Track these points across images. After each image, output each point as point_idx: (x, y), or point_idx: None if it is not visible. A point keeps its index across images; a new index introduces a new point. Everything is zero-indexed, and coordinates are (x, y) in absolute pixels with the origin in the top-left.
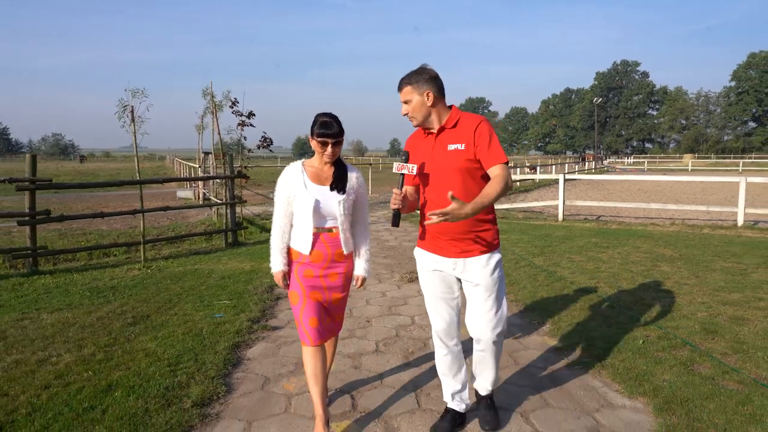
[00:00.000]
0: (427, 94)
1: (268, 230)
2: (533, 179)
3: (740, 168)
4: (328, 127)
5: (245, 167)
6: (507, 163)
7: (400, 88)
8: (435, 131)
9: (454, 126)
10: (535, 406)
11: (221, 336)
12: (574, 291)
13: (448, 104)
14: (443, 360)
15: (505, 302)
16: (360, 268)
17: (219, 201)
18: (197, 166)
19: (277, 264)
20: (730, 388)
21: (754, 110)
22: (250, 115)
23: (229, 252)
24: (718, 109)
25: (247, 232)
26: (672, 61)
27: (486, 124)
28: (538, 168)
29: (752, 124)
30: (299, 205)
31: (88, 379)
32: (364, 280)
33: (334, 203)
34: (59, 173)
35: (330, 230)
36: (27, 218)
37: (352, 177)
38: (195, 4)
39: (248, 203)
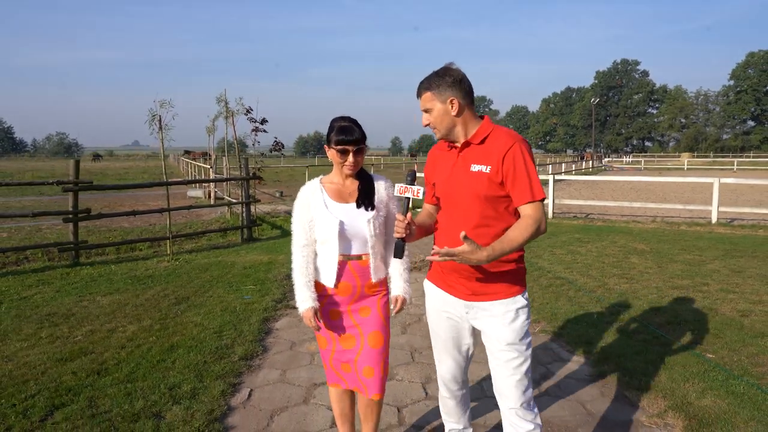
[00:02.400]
0: (451, 101)
1: (279, 227)
2: None
3: (735, 167)
4: (349, 132)
5: (259, 169)
6: (543, 199)
7: (419, 95)
8: (458, 145)
9: (482, 142)
10: None
11: (252, 312)
12: (548, 278)
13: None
14: (445, 403)
15: (528, 367)
16: (398, 287)
17: (233, 200)
18: (209, 166)
19: (304, 300)
20: (656, 348)
21: (752, 109)
22: (263, 121)
23: (246, 246)
24: (717, 108)
25: (260, 229)
26: (671, 60)
27: (520, 146)
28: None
29: (751, 123)
30: (321, 229)
31: (154, 342)
32: (404, 302)
33: (362, 223)
34: (69, 173)
35: (359, 257)
36: (71, 216)
37: (380, 188)
38: (191, 2)
39: (259, 202)
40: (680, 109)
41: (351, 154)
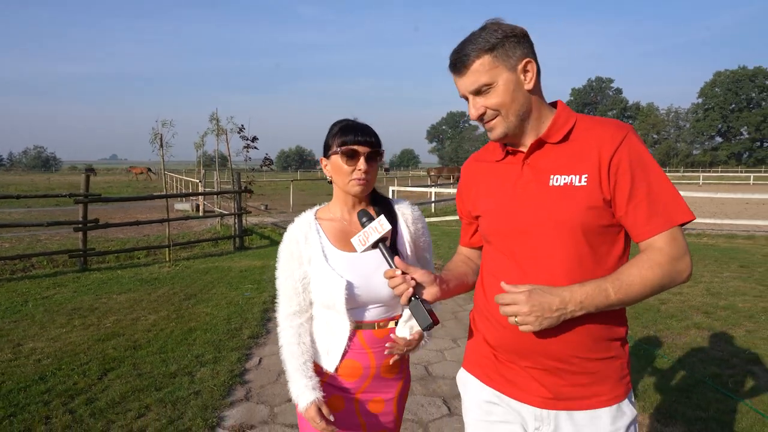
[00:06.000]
0: (526, 65)
1: (267, 237)
2: None
3: (701, 182)
4: (359, 131)
5: (250, 183)
6: (684, 224)
7: (466, 64)
8: (525, 148)
9: (565, 139)
10: (459, 344)
11: (253, 305)
12: None
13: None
14: None
15: None
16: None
17: (225, 212)
18: (198, 180)
19: (302, 392)
20: None
21: (719, 126)
22: (254, 139)
23: (239, 254)
24: (687, 125)
25: (250, 239)
26: (644, 78)
27: (636, 139)
28: None
29: (718, 139)
30: (319, 291)
31: (174, 327)
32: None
33: (381, 280)
34: (53, 186)
35: (374, 326)
36: (81, 225)
37: (405, 218)
38: (172, 16)
39: (250, 213)
40: (652, 126)
41: (362, 159)
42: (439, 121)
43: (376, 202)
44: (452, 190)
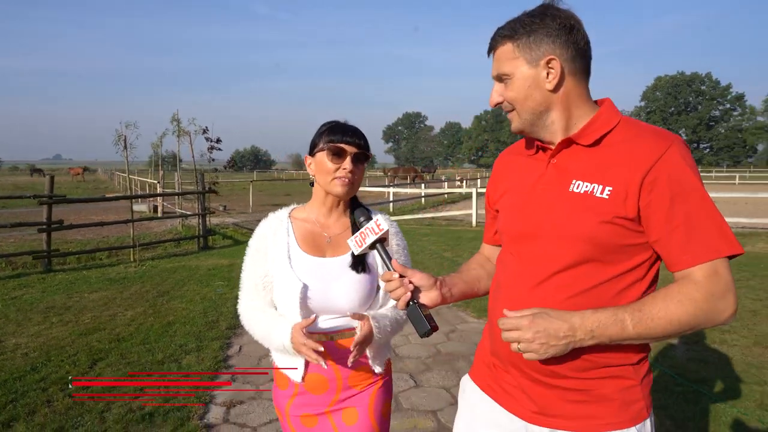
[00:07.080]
0: (548, 62)
1: (230, 237)
2: (460, 192)
3: None
4: (348, 132)
5: (214, 183)
6: (734, 256)
7: (492, 47)
8: (552, 145)
9: (597, 143)
10: None
11: (227, 300)
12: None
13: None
14: None
15: None
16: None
17: (187, 212)
18: (156, 181)
19: (280, 331)
20: None
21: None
22: (218, 140)
23: (204, 253)
24: None
25: (213, 239)
26: (591, 81)
27: (681, 153)
28: (465, 181)
29: None
30: (278, 292)
31: (153, 321)
32: (369, 335)
33: (341, 290)
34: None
35: (336, 336)
36: (45, 226)
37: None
38: (118, 12)
39: (214, 214)
40: None
41: (348, 158)
42: (395, 122)
43: (355, 209)
44: (409, 190)
